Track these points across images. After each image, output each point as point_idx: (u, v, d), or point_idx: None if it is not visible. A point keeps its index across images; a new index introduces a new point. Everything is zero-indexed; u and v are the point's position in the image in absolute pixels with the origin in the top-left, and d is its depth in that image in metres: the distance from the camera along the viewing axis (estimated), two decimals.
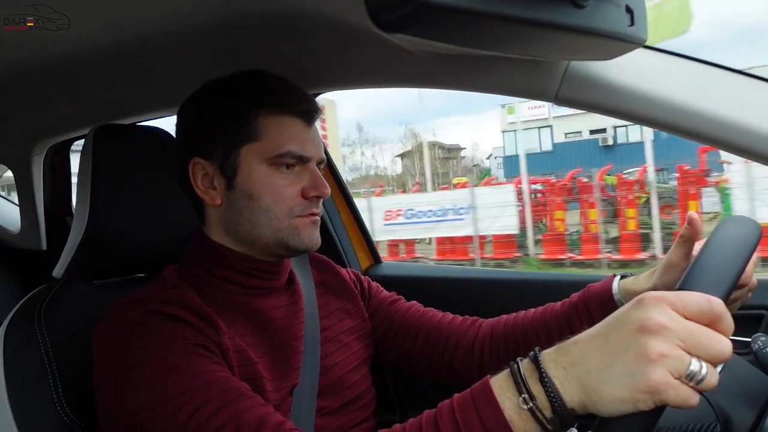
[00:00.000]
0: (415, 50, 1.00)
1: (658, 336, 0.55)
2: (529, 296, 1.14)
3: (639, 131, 18.72)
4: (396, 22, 0.64)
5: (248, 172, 0.95)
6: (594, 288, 1.03)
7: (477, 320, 1.16)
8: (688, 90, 0.91)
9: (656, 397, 0.54)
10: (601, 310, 1.00)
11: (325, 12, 0.96)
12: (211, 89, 1.00)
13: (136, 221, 1.08)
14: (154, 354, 0.80)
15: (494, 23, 0.67)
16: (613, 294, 1.00)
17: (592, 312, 1.01)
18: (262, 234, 0.96)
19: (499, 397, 0.62)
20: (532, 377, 0.61)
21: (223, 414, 0.75)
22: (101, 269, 1.12)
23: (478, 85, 1.07)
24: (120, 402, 0.81)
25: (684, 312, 0.56)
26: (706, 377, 0.54)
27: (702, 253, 0.69)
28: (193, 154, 0.97)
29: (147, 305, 0.86)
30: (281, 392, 0.95)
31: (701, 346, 0.55)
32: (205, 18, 1.02)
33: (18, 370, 0.95)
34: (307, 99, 0.99)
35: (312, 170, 0.98)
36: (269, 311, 1.00)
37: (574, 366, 0.59)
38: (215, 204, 0.98)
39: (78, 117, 1.64)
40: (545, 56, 0.91)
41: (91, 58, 1.17)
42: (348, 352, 1.09)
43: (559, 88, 0.95)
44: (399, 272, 1.88)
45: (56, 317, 1.01)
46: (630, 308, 0.59)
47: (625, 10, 0.78)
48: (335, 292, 1.17)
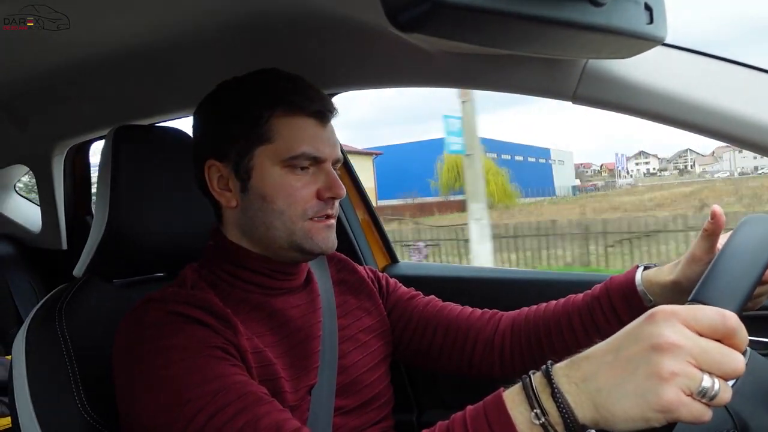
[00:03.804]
0: (432, 49, 1.00)
1: (669, 355, 0.54)
2: (550, 296, 1.12)
3: None
4: (413, 22, 0.64)
5: (262, 175, 0.94)
6: (617, 279, 1.02)
7: (496, 313, 1.15)
8: (708, 88, 0.89)
9: (669, 415, 0.54)
10: (624, 302, 0.99)
11: (342, 12, 0.96)
12: (224, 90, 1.00)
13: (156, 221, 1.09)
14: (173, 356, 0.81)
15: (511, 22, 0.67)
16: (636, 285, 0.99)
17: (615, 303, 1.00)
18: (277, 236, 0.96)
19: (512, 411, 0.62)
20: (544, 392, 0.60)
21: (240, 418, 0.75)
22: (121, 268, 1.13)
23: (495, 85, 1.06)
24: (139, 403, 0.81)
25: (696, 328, 0.56)
26: (718, 393, 0.54)
27: (716, 261, 0.68)
28: (208, 157, 0.98)
29: (167, 306, 0.87)
30: (300, 392, 0.95)
31: (714, 362, 0.54)
32: (223, 18, 1.03)
33: (39, 368, 0.96)
34: (321, 98, 0.98)
35: (327, 171, 0.97)
36: (287, 311, 1.00)
37: (586, 382, 0.59)
38: (231, 206, 0.98)
39: (98, 118, 1.66)
40: (563, 55, 0.90)
41: (110, 59, 1.19)
42: (366, 351, 1.09)
43: (576, 87, 0.94)
44: (416, 272, 1.87)
45: (77, 316, 1.02)
46: (642, 323, 0.58)
47: (644, 8, 0.77)
48: (354, 290, 1.16)
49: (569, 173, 61.32)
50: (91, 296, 1.06)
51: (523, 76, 1.00)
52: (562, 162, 58.18)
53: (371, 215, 1.88)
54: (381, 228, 1.89)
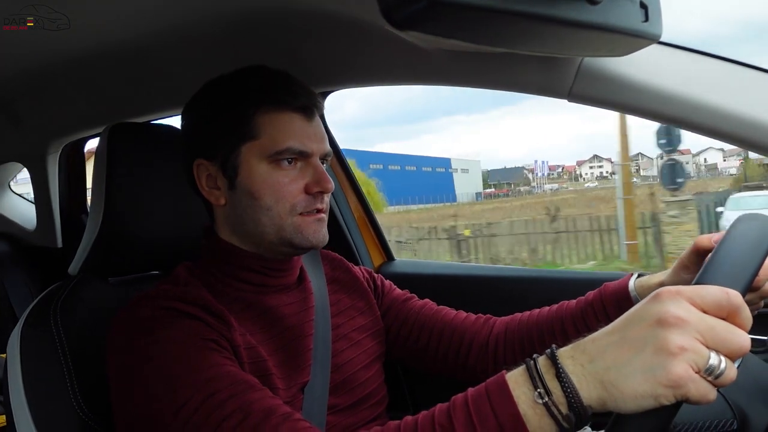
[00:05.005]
0: (427, 47, 0.99)
1: (677, 329, 0.54)
2: (542, 294, 1.13)
3: None
4: (408, 19, 0.64)
5: (249, 171, 0.95)
6: (610, 287, 1.03)
7: (490, 318, 1.16)
8: (703, 86, 0.90)
9: (678, 391, 0.53)
10: (618, 308, 0.99)
11: (338, 9, 0.96)
12: (210, 89, 1.00)
13: (150, 219, 1.09)
14: (164, 347, 0.81)
15: (507, 20, 0.67)
16: (630, 292, 0.99)
17: (609, 310, 1.01)
18: (266, 232, 0.96)
19: (514, 391, 0.61)
20: (548, 373, 0.60)
21: (231, 403, 0.75)
22: (116, 266, 1.12)
23: (490, 83, 1.06)
24: (131, 394, 0.82)
25: (701, 305, 0.56)
26: (724, 372, 0.54)
27: (719, 248, 0.69)
28: (197, 156, 0.98)
29: (158, 302, 0.87)
30: (292, 389, 0.95)
31: (720, 339, 0.54)
32: (216, 16, 1.02)
33: (34, 366, 0.96)
34: (306, 93, 0.97)
35: (314, 165, 0.97)
36: (279, 308, 1.01)
37: (593, 362, 0.58)
38: (220, 204, 0.98)
39: (92, 116, 1.65)
40: (559, 53, 0.90)
41: (105, 57, 1.18)
42: (360, 350, 1.10)
43: (572, 84, 0.95)
44: (412, 270, 1.87)
45: (72, 314, 1.01)
46: (647, 303, 0.58)
47: (639, 6, 0.77)
48: (347, 289, 1.17)
49: (476, 181, 63.87)
50: (86, 294, 1.06)
51: (519, 74, 1.00)
52: (467, 170, 60.64)
53: (367, 213, 1.88)
54: (377, 226, 1.89)
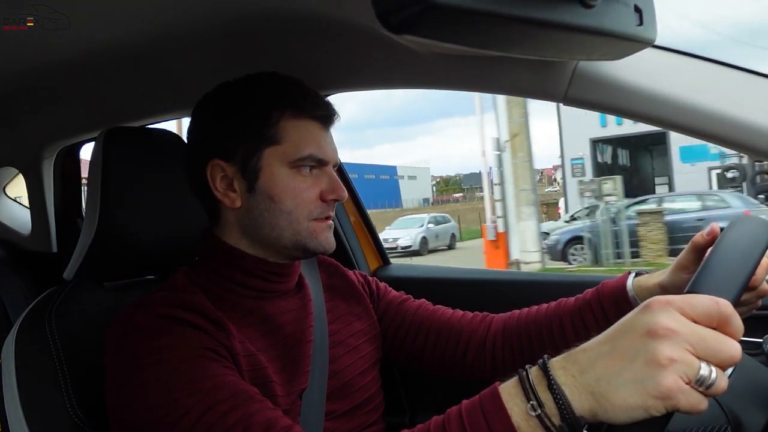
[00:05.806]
0: (423, 51, 1.00)
1: (667, 340, 0.54)
2: (539, 297, 1.13)
3: None
4: (404, 24, 0.64)
5: (270, 175, 0.95)
6: (608, 285, 1.03)
7: (487, 315, 1.16)
8: (698, 89, 0.90)
9: (668, 402, 0.54)
10: (615, 306, 1.00)
11: (334, 14, 0.96)
12: (229, 90, 1.00)
13: (146, 223, 1.09)
14: (162, 356, 0.81)
15: (503, 23, 0.67)
16: (627, 290, 1.00)
17: (606, 307, 1.01)
18: (282, 236, 0.96)
19: (507, 403, 0.61)
20: (540, 384, 0.60)
21: (232, 416, 0.75)
22: (111, 271, 1.12)
23: (486, 86, 1.07)
24: (129, 403, 0.81)
25: (692, 315, 0.56)
26: (715, 382, 0.54)
27: (710, 255, 0.69)
28: (212, 156, 0.97)
29: (156, 310, 0.86)
30: (291, 396, 0.95)
31: (710, 350, 0.54)
32: (215, 20, 1.02)
33: (29, 371, 0.95)
34: (325, 103, 1.00)
35: (329, 173, 0.99)
36: (279, 315, 1.00)
37: (584, 373, 0.59)
38: (234, 206, 0.97)
39: (88, 120, 1.65)
40: (554, 56, 0.90)
41: (100, 60, 1.18)
42: (357, 356, 1.09)
43: (567, 88, 0.95)
44: (407, 273, 1.87)
45: (67, 319, 1.01)
46: (638, 313, 0.58)
47: (634, 10, 0.77)
48: (343, 295, 1.16)
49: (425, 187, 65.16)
50: (81, 299, 1.06)
51: (514, 78, 1.01)
52: (414, 177, 61.58)
53: (363, 218, 1.88)
54: (373, 230, 1.89)
